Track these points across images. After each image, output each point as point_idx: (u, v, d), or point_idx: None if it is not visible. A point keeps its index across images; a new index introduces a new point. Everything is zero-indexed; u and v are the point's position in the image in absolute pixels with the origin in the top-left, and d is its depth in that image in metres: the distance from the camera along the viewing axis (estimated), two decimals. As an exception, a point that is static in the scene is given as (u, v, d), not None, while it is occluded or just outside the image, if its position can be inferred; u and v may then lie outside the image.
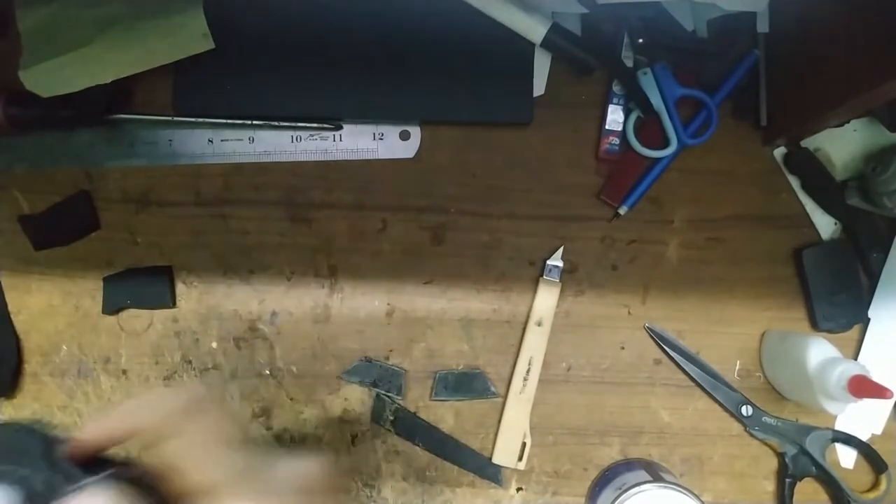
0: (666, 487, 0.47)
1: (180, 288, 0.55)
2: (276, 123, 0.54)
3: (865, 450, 0.53)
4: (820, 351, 0.48)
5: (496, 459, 0.53)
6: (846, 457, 0.54)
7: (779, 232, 0.55)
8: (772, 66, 0.53)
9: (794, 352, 0.50)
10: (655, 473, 0.50)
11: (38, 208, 0.55)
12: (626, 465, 0.53)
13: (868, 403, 0.52)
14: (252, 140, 0.55)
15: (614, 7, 0.49)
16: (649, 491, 0.47)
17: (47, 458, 0.28)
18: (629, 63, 0.53)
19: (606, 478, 0.53)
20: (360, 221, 0.55)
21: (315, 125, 0.54)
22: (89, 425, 0.29)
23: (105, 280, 0.55)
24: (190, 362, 0.55)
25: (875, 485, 0.53)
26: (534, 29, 0.51)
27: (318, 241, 0.55)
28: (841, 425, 0.54)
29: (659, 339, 0.54)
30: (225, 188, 0.55)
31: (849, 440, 0.53)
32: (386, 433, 0.54)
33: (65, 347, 0.55)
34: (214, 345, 0.55)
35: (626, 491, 0.47)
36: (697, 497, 0.47)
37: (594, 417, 0.54)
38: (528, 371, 0.53)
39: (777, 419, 0.53)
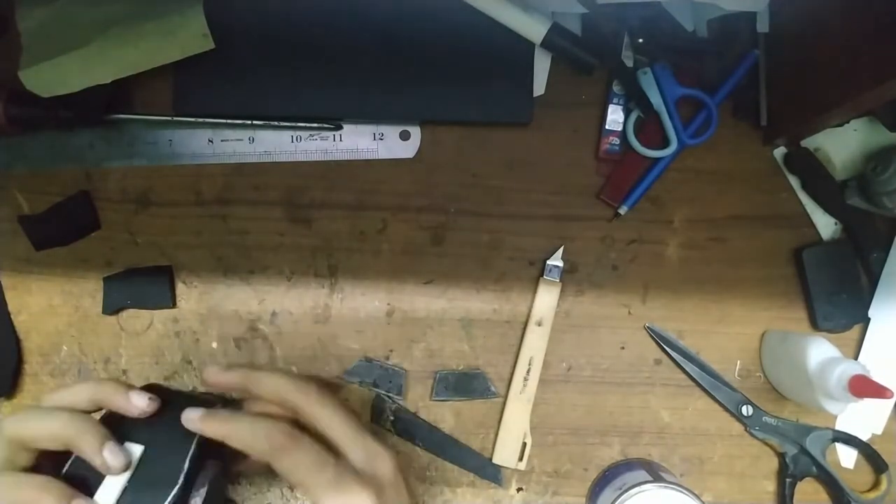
0: (666, 487, 0.47)
1: (180, 288, 0.55)
2: (276, 123, 0.54)
3: (866, 450, 0.53)
4: (820, 351, 0.48)
5: (496, 459, 0.53)
6: (846, 457, 0.54)
7: (779, 232, 0.55)
8: (772, 66, 0.53)
9: (794, 352, 0.50)
10: (656, 473, 0.50)
11: (38, 208, 0.55)
12: (627, 465, 0.53)
13: (868, 403, 0.52)
14: (252, 140, 0.55)
15: (614, 7, 0.49)
16: (650, 491, 0.47)
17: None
18: (629, 63, 0.53)
19: (606, 478, 0.53)
20: (360, 221, 0.55)
21: (315, 125, 0.54)
22: (221, 374, 0.43)
23: (105, 280, 0.55)
24: (190, 362, 0.55)
25: (875, 485, 0.53)
26: (534, 29, 0.51)
27: (318, 241, 0.55)
28: (841, 425, 0.54)
29: (659, 339, 0.54)
30: (225, 188, 0.55)
31: (849, 440, 0.53)
32: (386, 433, 0.54)
33: (65, 347, 0.55)
34: (215, 345, 0.55)
35: (626, 491, 0.47)
36: (698, 497, 0.47)
37: (594, 417, 0.54)
38: (528, 371, 0.53)
39: (777, 419, 0.53)
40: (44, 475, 0.37)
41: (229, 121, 0.54)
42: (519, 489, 0.54)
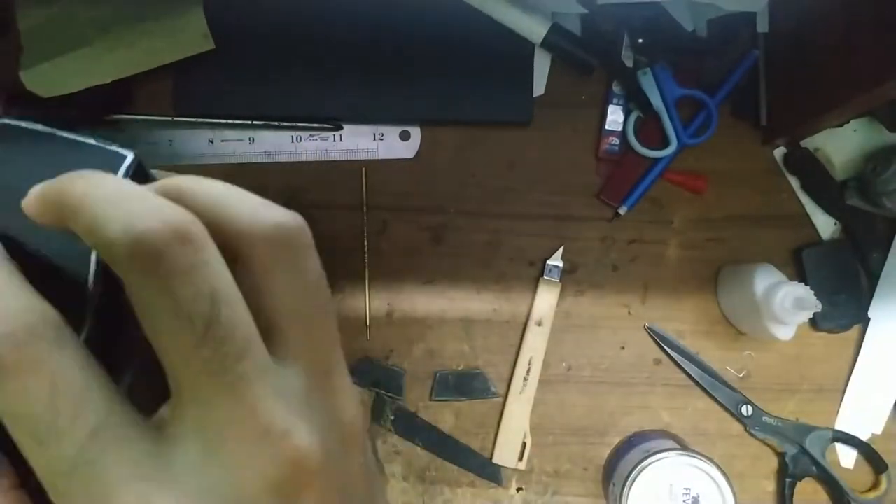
0: (693, 457, 0.47)
1: (180, 288, 0.55)
2: (276, 123, 0.54)
3: (865, 449, 0.53)
4: (766, 276, 0.49)
5: (496, 459, 0.53)
6: (846, 456, 0.54)
7: (779, 232, 0.55)
8: (771, 66, 0.53)
9: (743, 280, 0.50)
10: (682, 444, 0.50)
11: (39, 208, 0.55)
12: (652, 433, 0.53)
13: (868, 403, 0.52)
14: (252, 140, 0.55)
15: (614, 7, 0.49)
16: (676, 458, 0.47)
17: None
18: (629, 63, 0.53)
19: (632, 442, 0.53)
20: (360, 221, 0.55)
21: (315, 125, 0.54)
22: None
23: (105, 280, 0.55)
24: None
25: (875, 485, 0.53)
26: (534, 29, 0.51)
27: (317, 241, 0.55)
28: (841, 425, 0.53)
29: (659, 339, 0.54)
30: (225, 188, 0.55)
31: (849, 440, 0.53)
32: (386, 433, 0.54)
33: (65, 347, 0.55)
34: (214, 345, 0.55)
35: (652, 454, 0.47)
36: (724, 472, 0.47)
37: (594, 417, 0.54)
38: (528, 371, 0.53)
39: (777, 419, 0.53)
40: None
41: (229, 121, 0.54)
42: (519, 489, 0.54)
